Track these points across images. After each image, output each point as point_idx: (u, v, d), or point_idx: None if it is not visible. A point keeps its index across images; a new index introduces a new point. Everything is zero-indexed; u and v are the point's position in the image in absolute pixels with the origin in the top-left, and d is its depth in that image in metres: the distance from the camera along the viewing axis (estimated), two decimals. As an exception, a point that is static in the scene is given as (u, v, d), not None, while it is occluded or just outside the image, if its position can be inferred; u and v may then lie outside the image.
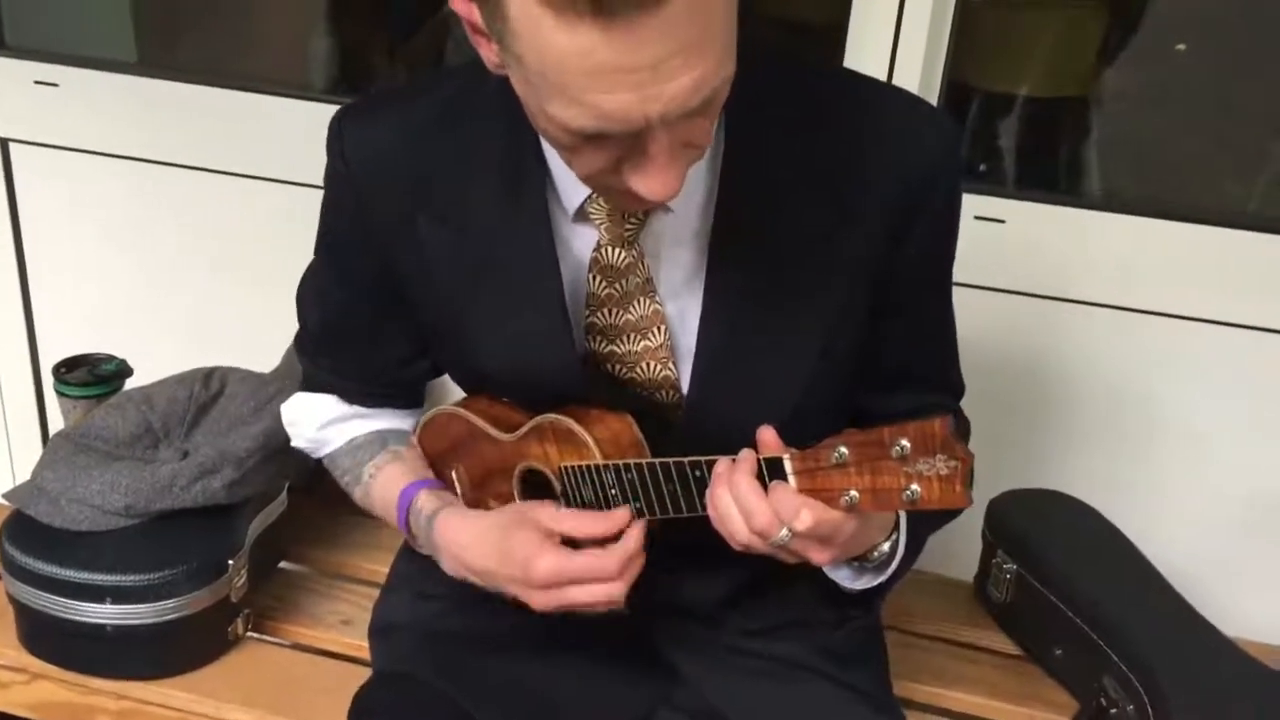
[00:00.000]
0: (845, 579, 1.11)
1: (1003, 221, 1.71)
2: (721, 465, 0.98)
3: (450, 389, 1.28)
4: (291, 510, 1.69)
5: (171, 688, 1.50)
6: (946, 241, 1.14)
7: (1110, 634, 1.49)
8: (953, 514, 1.07)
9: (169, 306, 2.12)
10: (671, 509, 1.05)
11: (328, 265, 1.23)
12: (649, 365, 1.11)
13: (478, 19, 0.87)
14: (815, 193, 1.05)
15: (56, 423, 1.89)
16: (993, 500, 1.68)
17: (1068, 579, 1.56)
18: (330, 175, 1.15)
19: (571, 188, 1.06)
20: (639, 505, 1.07)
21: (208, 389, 1.69)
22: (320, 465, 1.36)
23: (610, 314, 1.10)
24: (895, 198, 1.05)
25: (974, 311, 1.37)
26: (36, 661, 1.53)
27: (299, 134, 1.52)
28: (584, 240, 1.09)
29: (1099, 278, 1.71)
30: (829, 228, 1.05)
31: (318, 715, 1.46)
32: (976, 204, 1.66)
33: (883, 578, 1.10)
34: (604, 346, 1.12)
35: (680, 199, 0.95)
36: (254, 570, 1.58)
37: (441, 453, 1.26)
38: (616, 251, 1.07)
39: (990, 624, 1.67)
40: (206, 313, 2.10)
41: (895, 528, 1.06)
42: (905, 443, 0.86)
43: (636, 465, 1.06)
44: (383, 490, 1.25)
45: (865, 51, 1.68)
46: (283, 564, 1.71)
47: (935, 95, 1.71)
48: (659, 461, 1.04)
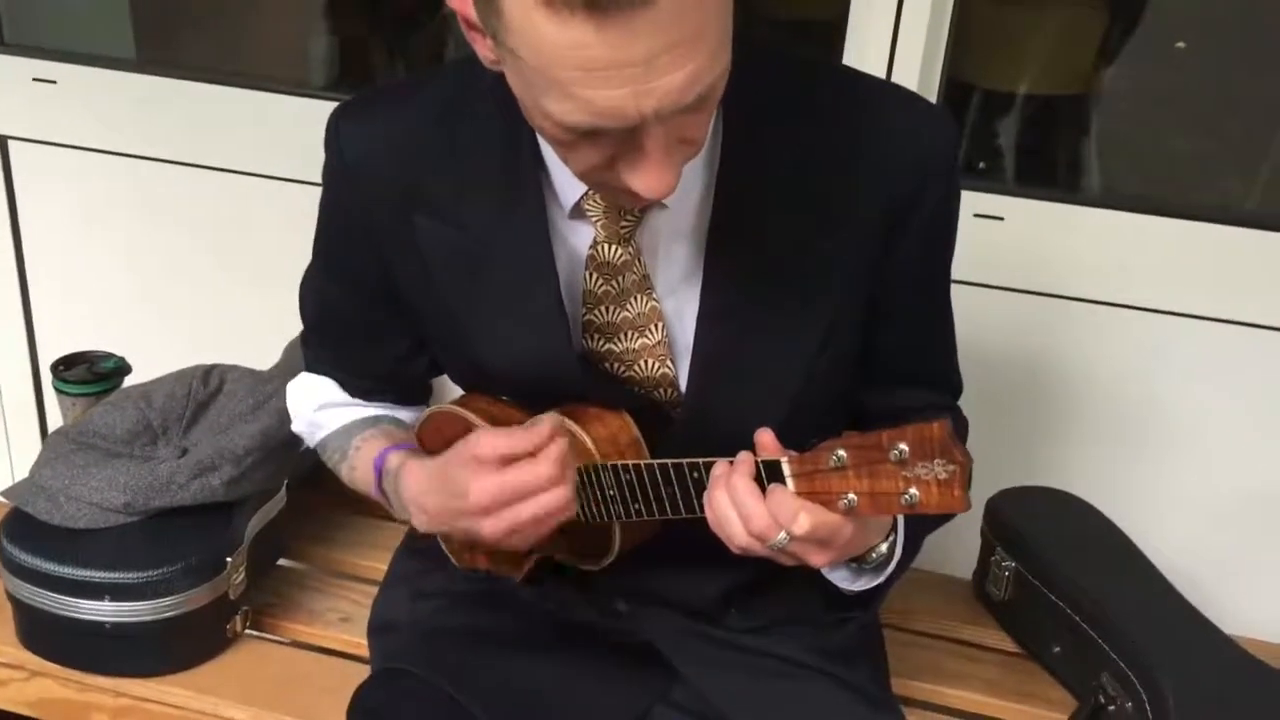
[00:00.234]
0: (843, 580, 1.11)
1: (1002, 219, 1.71)
2: (719, 468, 0.98)
3: (449, 387, 1.28)
4: (290, 508, 1.68)
5: (170, 685, 1.50)
6: (945, 238, 1.14)
7: (1109, 631, 1.48)
8: (951, 515, 1.07)
9: (168, 304, 2.12)
10: (670, 510, 1.05)
11: (325, 262, 1.23)
12: (647, 363, 1.11)
13: (472, 14, 0.87)
14: (812, 189, 1.04)
15: (55, 420, 1.89)
16: (991, 498, 1.68)
17: (1067, 577, 1.56)
18: (327, 173, 1.15)
19: (568, 184, 1.06)
20: (637, 506, 1.06)
21: (206, 386, 1.68)
22: (319, 461, 1.35)
23: (607, 311, 1.10)
24: (893, 194, 1.05)
25: (973, 309, 1.37)
26: (35, 659, 1.53)
27: (298, 131, 1.52)
28: (580, 237, 1.08)
29: (1098, 275, 1.71)
30: (827, 224, 1.05)
31: (316, 713, 1.46)
32: (975, 201, 1.66)
33: (881, 579, 1.09)
34: (601, 344, 1.11)
35: (677, 195, 0.94)
36: (253, 568, 1.58)
37: (439, 451, 1.25)
38: (613, 248, 1.07)
39: (989, 621, 1.67)
40: (205, 310, 2.10)
41: (893, 529, 1.06)
42: (904, 446, 0.86)
43: (635, 467, 1.05)
44: (363, 459, 1.23)
45: (864, 49, 1.67)
46: (281, 561, 1.71)
47: (934, 92, 1.70)
48: (657, 463, 1.04)
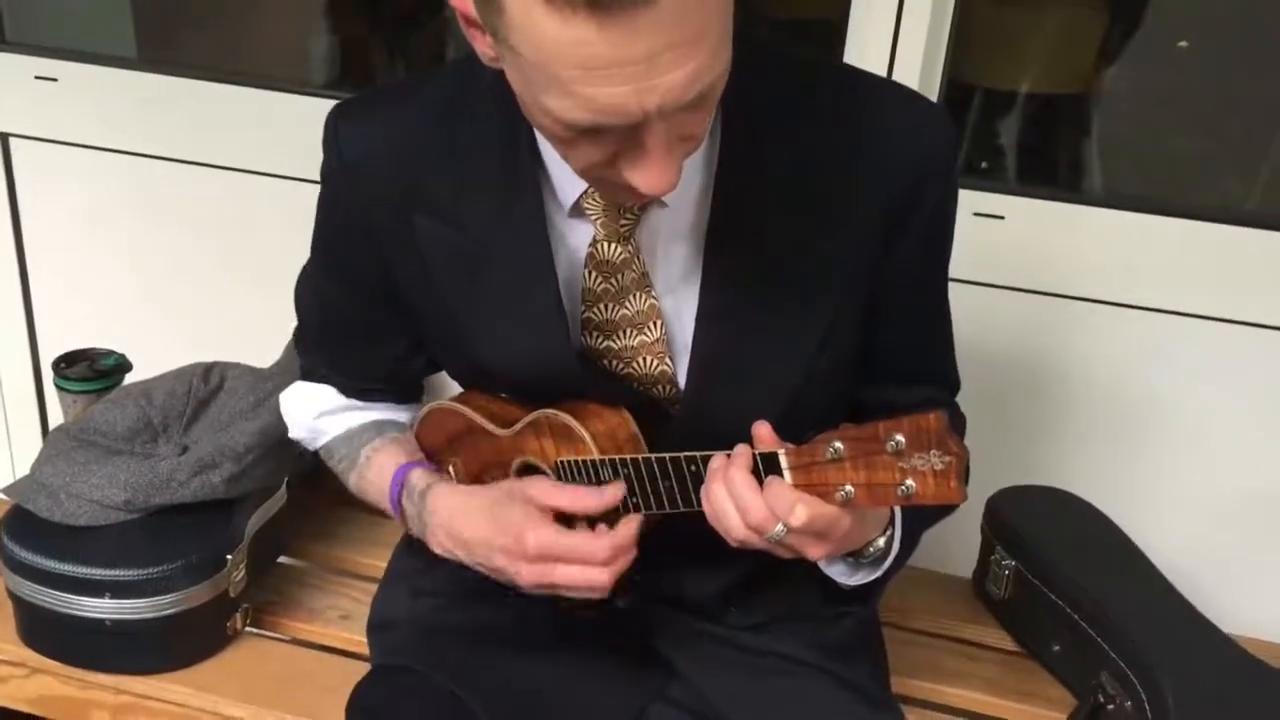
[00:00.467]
0: (840, 574, 1.11)
1: (1002, 218, 1.70)
2: (717, 461, 0.98)
3: (448, 383, 1.28)
4: (290, 505, 1.69)
5: (170, 682, 1.50)
6: (944, 237, 1.14)
7: (1108, 630, 1.48)
8: (948, 510, 1.07)
9: (168, 301, 2.12)
10: (668, 504, 1.05)
11: (324, 262, 1.23)
12: (645, 360, 1.11)
13: (472, 12, 0.87)
14: (812, 188, 1.04)
15: (56, 417, 1.89)
16: (991, 496, 1.68)
17: (1066, 575, 1.56)
18: (326, 172, 1.15)
19: (567, 183, 1.06)
20: (635, 500, 1.07)
21: (207, 384, 1.69)
22: (320, 460, 1.36)
23: (606, 309, 1.10)
24: (892, 193, 1.05)
25: (973, 307, 1.37)
26: (35, 656, 1.53)
27: (299, 129, 1.52)
28: (580, 235, 1.09)
29: (1099, 274, 1.71)
30: (826, 222, 1.05)
31: (317, 710, 1.46)
32: (976, 200, 1.66)
33: (878, 573, 1.10)
34: (600, 342, 1.12)
35: (676, 194, 0.94)
36: (253, 565, 1.58)
37: (438, 447, 1.26)
38: (612, 246, 1.07)
39: (989, 620, 1.66)
40: (206, 308, 2.10)
41: (890, 523, 1.06)
42: (900, 438, 0.86)
43: (633, 460, 1.06)
44: (377, 472, 1.24)
45: (865, 48, 1.67)
46: (281, 559, 1.71)
47: (935, 92, 1.70)
48: (655, 457, 1.04)
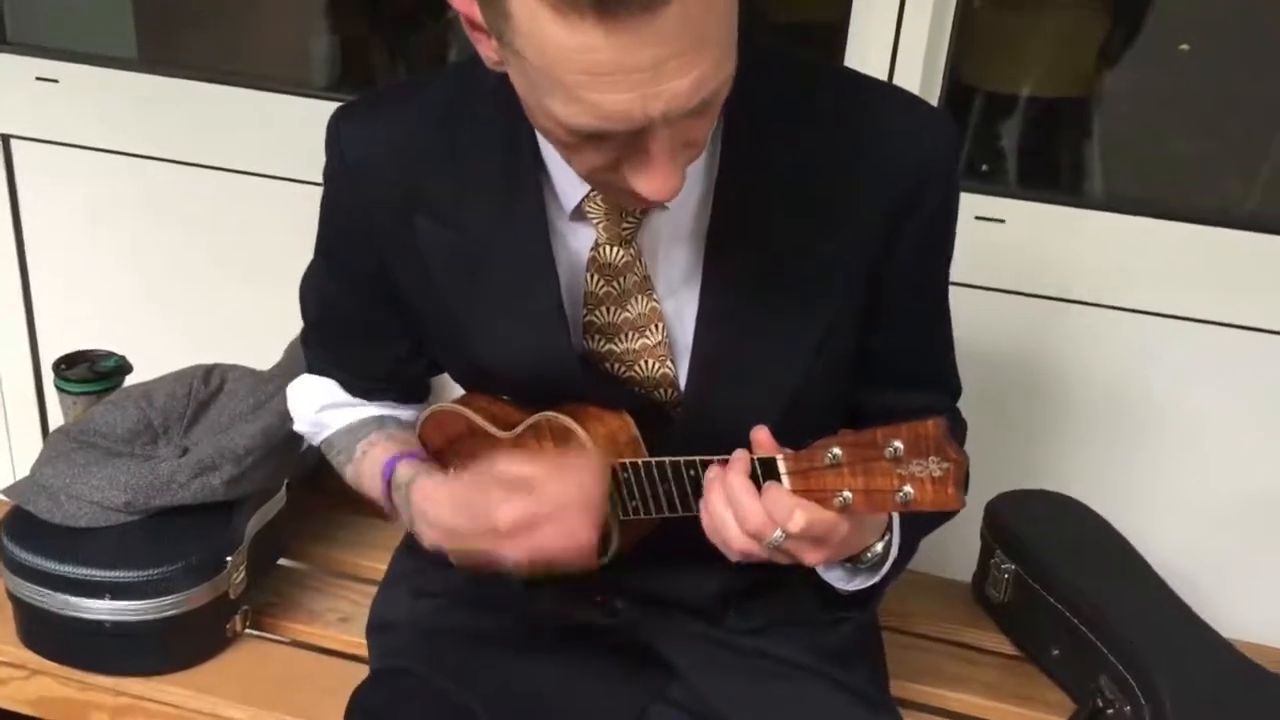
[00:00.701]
0: (838, 580, 1.11)
1: (1003, 221, 1.71)
2: (714, 471, 0.98)
3: (450, 385, 1.28)
4: (290, 507, 1.68)
5: (170, 684, 1.50)
6: (944, 241, 1.14)
7: (1107, 635, 1.48)
8: (947, 515, 1.07)
9: (169, 303, 2.12)
10: (667, 508, 1.05)
11: (327, 263, 1.23)
12: (647, 363, 1.11)
13: (476, 15, 0.87)
14: (813, 191, 1.04)
15: (56, 419, 1.89)
16: (991, 501, 1.68)
17: (1066, 580, 1.56)
18: (328, 175, 1.15)
19: (569, 186, 1.06)
20: (635, 504, 1.07)
21: (207, 386, 1.69)
22: (320, 462, 1.36)
23: (608, 312, 1.10)
24: (893, 197, 1.05)
25: (973, 311, 1.37)
26: (35, 657, 1.53)
27: (300, 131, 1.52)
28: (581, 239, 1.09)
29: (1099, 278, 1.71)
30: (826, 226, 1.05)
31: (316, 712, 1.46)
32: (977, 204, 1.66)
33: (876, 579, 1.10)
34: (602, 345, 1.12)
35: (677, 197, 0.94)
36: (253, 567, 1.58)
37: (440, 449, 1.26)
38: (614, 250, 1.07)
39: (988, 624, 1.66)
40: (206, 309, 2.10)
41: (888, 529, 1.06)
42: (898, 444, 0.87)
43: (633, 464, 1.06)
44: (370, 465, 1.24)
45: (866, 51, 1.67)
46: (281, 561, 1.71)
47: (936, 95, 1.70)
48: (654, 461, 1.04)
